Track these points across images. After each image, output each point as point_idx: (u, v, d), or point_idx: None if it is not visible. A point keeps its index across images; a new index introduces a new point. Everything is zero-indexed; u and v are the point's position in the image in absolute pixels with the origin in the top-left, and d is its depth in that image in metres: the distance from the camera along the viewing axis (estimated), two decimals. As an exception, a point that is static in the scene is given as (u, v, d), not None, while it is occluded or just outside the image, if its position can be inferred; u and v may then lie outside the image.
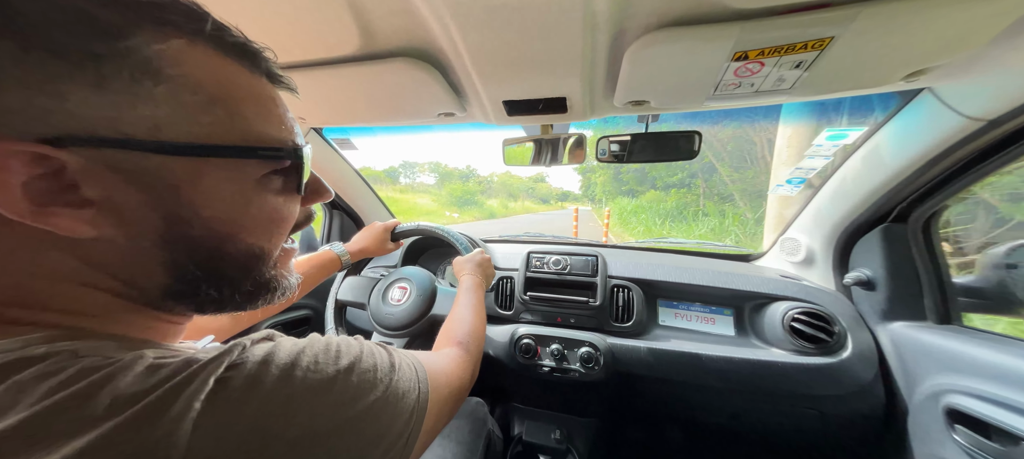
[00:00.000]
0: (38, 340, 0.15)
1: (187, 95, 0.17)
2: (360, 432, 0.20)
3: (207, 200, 0.19)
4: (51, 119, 0.15)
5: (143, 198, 0.17)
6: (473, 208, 18.93)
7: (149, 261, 0.19)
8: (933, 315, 0.58)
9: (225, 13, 0.43)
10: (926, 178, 0.53)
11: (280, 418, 0.17)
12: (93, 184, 0.16)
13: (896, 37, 0.35)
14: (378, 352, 0.24)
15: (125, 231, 0.17)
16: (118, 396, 0.14)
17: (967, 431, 0.46)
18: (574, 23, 0.36)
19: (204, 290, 0.20)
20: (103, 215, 0.17)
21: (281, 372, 0.17)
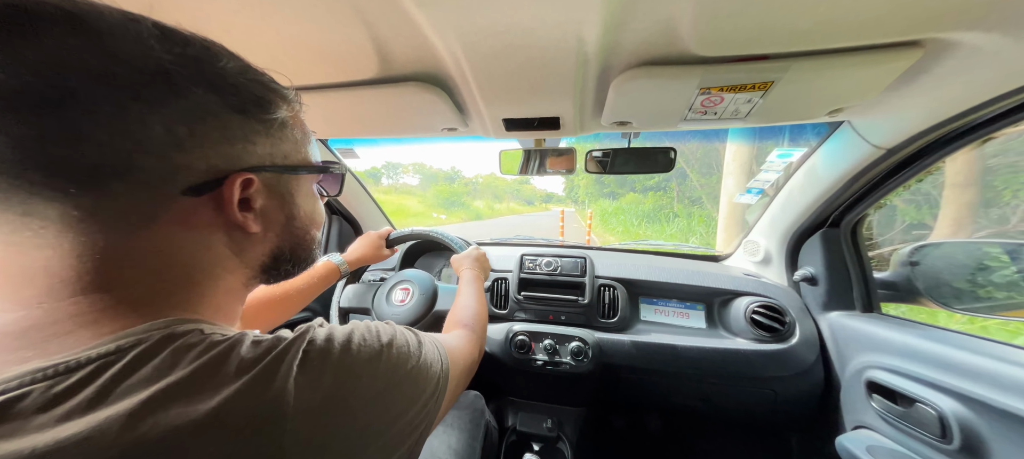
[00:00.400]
0: (174, 321, 0.20)
1: (294, 136, 0.27)
2: (403, 393, 0.25)
3: (302, 201, 0.29)
4: (248, 158, 0.24)
5: (278, 203, 0.27)
6: (459, 210, 19.43)
7: (266, 247, 0.27)
8: (859, 305, 0.70)
9: (265, 43, 0.46)
10: (850, 191, 0.65)
11: (348, 378, 0.22)
12: (259, 197, 0.25)
13: (817, 84, 0.44)
14: (407, 332, 0.29)
15: (266, 226, 0.26)
16: (241, 361, 0.19)
17: (881, 398, 0.57)
18: (569, 58, 0.42)
19: (283, 266, 0.29)
20: (259, 217, 0.25)
21: (341, 347, 0.23)
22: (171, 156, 0.20)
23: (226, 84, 0.22)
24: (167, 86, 0.20)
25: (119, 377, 0.16)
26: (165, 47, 0.20)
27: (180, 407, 0.16)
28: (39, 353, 0.17)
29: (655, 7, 0.34)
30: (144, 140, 0.19)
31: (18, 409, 0.15)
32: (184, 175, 0.21)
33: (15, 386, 0.15)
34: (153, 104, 0.19)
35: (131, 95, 0.19)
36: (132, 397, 0.16)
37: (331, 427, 0.20)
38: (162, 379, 0.17)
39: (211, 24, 0.38)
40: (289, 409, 0.19)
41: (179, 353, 0.18)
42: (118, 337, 0.18)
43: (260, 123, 0.24)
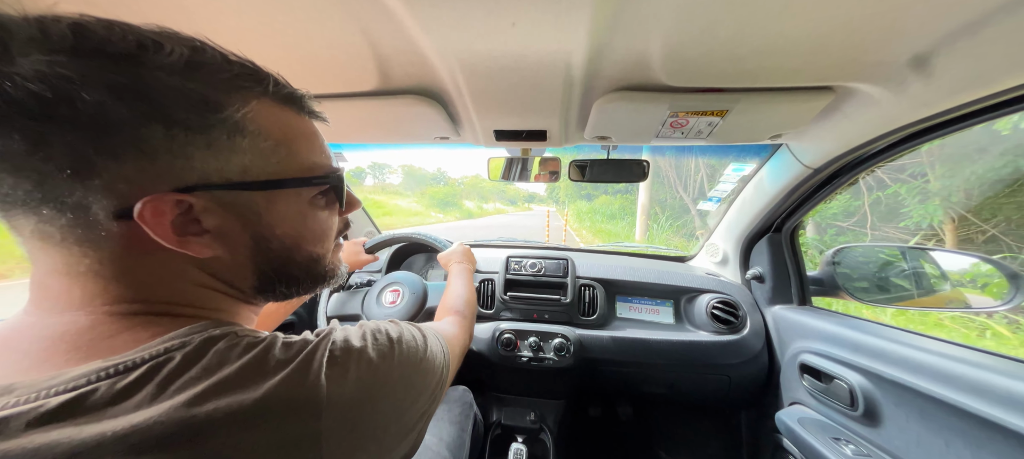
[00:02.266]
0: (208, 325, 0.21)
1: (261, 143, 0.23)
2: (414, 383, 0.28)
3: (279, 221, 0.25)
4: (183, 175, 0.20)
5: (239, 224, 0.23)
6: (453, 209, 20.45)
7: (244, 270, 0.25)
8: (796, 299, 0.82)
9: (266, 53, 0.47)
10: (789, 202, 0.76)
11: (368, 372, 0.24)
12: (208, 217, 0.22)
13: (761, 114, 0.53)
14: (412, 328, 0.31)
15: (229, 249, 0.24)
16: (278, 359, 0.21)
17: (809, 378, 0.68)
18: (557, 80, 0.47)
19: (278, 288, 0.27)
20: (215, 239, 0.23)
21: (359, 346, 0.24)
22: (84, 177, 0.18)
23: (138, 87, 0.18)
24: (55, 97, 0.17)
25: (173, 375, 0.18)
26: (49, 47, 0.17)
27: (231, 397, 0.19)
28: (92, 354, 0.19)
29: (631, 43, 0.40)
30: (50, 159, 0.17)
31: (92, 401, 0.17)
32: (107, 197, 0.19)
33: (84, 383, 0.17)
34: (45, 119, 0.17)
35: (22, 112, 0.17)
36: (189, 390, 0.18)
37: (358, 414, 0.22)
38: (213, 375, 0.19)
39: (219, 34, 0.38)
40: (323, 399, 0.21)
41: (222, 353, 0.20)
42: (163, 340, 0.20)
43: (194, 133, 0.20)
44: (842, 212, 3.54)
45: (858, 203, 3.44)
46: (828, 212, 3.44)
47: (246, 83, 0.22)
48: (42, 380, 0.17)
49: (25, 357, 0.19)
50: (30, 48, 0.17)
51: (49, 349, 0.19)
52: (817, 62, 0.41)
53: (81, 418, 0.16)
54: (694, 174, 7.01)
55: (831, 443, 0.57)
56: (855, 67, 0.41)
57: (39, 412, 0.16)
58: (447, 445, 0.63)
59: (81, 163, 0.18)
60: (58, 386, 0.17)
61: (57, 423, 0.16)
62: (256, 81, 0.23)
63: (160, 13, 0.35)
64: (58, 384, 0.17)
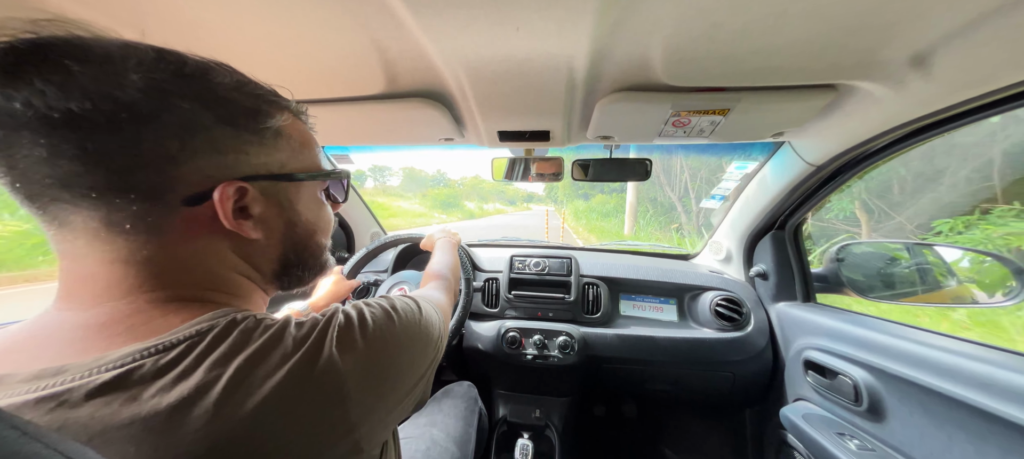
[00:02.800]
0: (231, 310, 0.24)
1: (293, 144, 0.29)
2: (416, 347, 0.30)
3: (304, 208, 0.30)
4: (242, 167, 0.25)
5: (277, 210, 0.28)
6: (456, 210, 21.51)
7: (272, 253, 0.29)
8: (800, 296, 0.82)
9: (278, 60, 0.48)
10: (791, 199, 0.76)
11: (375, 341, 0.26)
12: (256, 204, 0.26)
13: (763, 113, 0.53)
14: (405, 299, 0.33)
15: (266, 233, 0.27)
16: (295, 338, 0.23)
17: (814, 374, 0.69)
18: (560, 82, 0.48)
19: (294, 272, 0.31)
20: (259, 224, 0.26)
21: (360, 320, 0.27)
22: (165, 169, 0.22)
23: (215, 98, 0.23)
24: (158, 103, 0.21)
25: (206, 352, 0.20)
26: (157, 67, 0.21)
27: (261, 370, 0.21)
28: (131, 338, 0.21)
29: (632, 46, 0.41)
30: (139, 155, 0.21)
31: (139, 375, 0.19)
32: (181, 186, 0.22)
33: (129, 360, 0.19)
34: (145, 121, 0.21)
35: (127, 115, 0.20)
36: (223, 366, 0.20)
37: (373, 376, 0.25)
38: (241, 352, 0.21)
39: (236, 44, 0.40)
40: (341, 368, 0.23)
41: (246, 333, 0.22)
42: (194, 323, 0.22)
43: (252, 133, 0.25)
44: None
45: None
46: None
47: (278, 100, 0.28)
48: (90, 361, 0.19)
49: (70, 345, 0.20)
50: (136, 67, 0.21)
51: (92, 336, 0.21)
52: (819, 61, 0.41)
53: (132, 389, 0.18)
54: (679, 174, 7.54)
55: (836, 438, 0.58)
56: (856, 66, 0.42)
57: (93, 385, 0.18)
58: (454, 439, 0.64)
59: (166, 157, 0.22)
60: (107, 364, 0.19)
61: (112, 394, 0.18)
62: (283, 99, 0.29)
63: (179, 26, 0.37)
64: (106, 363, 0.19)
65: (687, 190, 7.34)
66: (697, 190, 7.17)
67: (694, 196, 7.16)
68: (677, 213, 7.35)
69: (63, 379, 0.18)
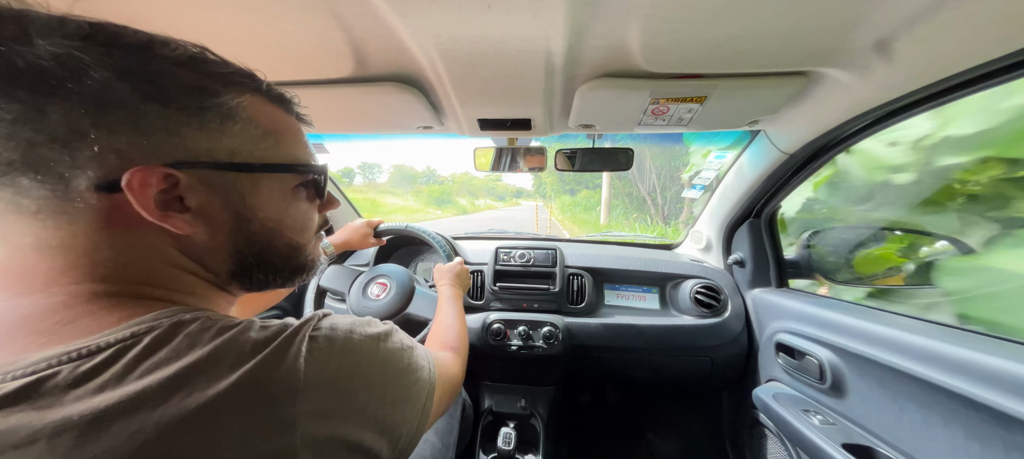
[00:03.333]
0: (178, 310, 0.21)
1: (251, 130, 0.25)
2: (396, 384, 0.27)
3: (261, 203, 0.26)
4: (173, 151, 0.22)
5: (222, 203, 0.24)
6: (449, 206, 22.31)
7: (222, 251, 0.25)
8: (774, 282, 0.86)
9: (237, 40, 0.45)
10: (767, 187, 0.78)
11: (350, 362, 0.24)
12: (192, 195, 0.23)
13: (738, 100, 0.54)
14: (400, 333, 0.30)
15: (209, 229, 0.24)
16: (254, 342, 0.21)
17: (784, 355, 0.72)
18: (537, 66, 0.46)
19: (255, 274, 0.27)
20: (197, 218, 0.23)
21: (344, 334, 0.24)
22: (74, 148, 0.19)
23: (144, 72, 0.20)
24: (66, 73, 0.18)
25: (140, 358, 0.18)
26: (75, 36, 0.19)
27: (204, 381, 0.18)
28: (54, 340, 0.18)
29: (609, 29, 0.40)
30: (42, 130, 0.18)
31: (50, 385, 0.16)
32: (93, 169, 0.19)
33: (43, 367, 0.17)
34: (49, 93, 0.18)
35: (24, 84, 0.18)
36: (158, 373, 0.18)
37: (336, 403, 0.22)
38: (182, 358, 0.18)
39: (185, 22, 0.37)
40: (300, 384, 0.21)
41: (194, 336, 0.20)
42: (130, 325, 0.19)
43: (189, 114, 0.22)
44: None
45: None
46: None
47: (242, 80, 0.25)
48: (2, 364, 0.17)
49: None
50: (49, 33, 0.18)
51: (11, 333, 0.18)
52: (790, 47, 0.42)
53: (40, 401, 0.16)
54: (648, 173, 8.53)
55: (801, 415, 0.61)
56: (824, 52, 0.43)
57: None
58: (435, 431, 0.64)
59: (74, 134, 0.19)
60: (16, 371, 0.17)
61: (15, 406, 0.16)
62: (251, 80, 0.25)
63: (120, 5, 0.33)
64: (17, 369, 0.17)
65: (654, 187, 8.27)
66: (662, 185, 8.03)
67: (660, 191, 8.07)
68: (647, 206, 8.28)
69: None
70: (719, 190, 0.93)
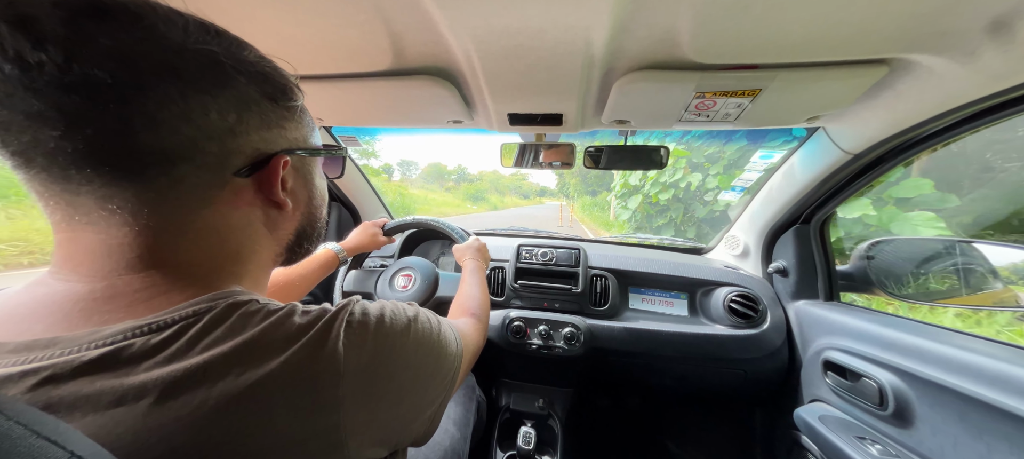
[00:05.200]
0: (233, 292, 0.23)
1: (309, 121, 0.30)
2: (428, 362, 0.28)
3: (318, 181, 0.32)
4: (281, 141, 0.26)
5: (302, 183, 0.29)
6: (483, 203, 24.38)
7: (292, 225, 0.30)
8: (823, 294, 0.78)
9: (281, 34, 0.46)
10: (822, 191, 0.71)
11: (386, 344, 0.25)
12: (289, 177, 0.27)
13: (799, 94, 0.48)
14: (428, 312, 0.32)
15: (294, 205, 0.29)
16: (298, 326, 0.22)
17: (834, 375, 0.65)
18: (576, 60, 0.44)
19: (305, 244, 0.32)
20: (289, 195, 0.27)
21: (377, 319, 0.25)
22: (225, 141, 0.22)
23: (257, 73, 0.24)
24: (217, 75, 0.22)
25: (200, 334, 0.20)
26: (207, 38, 0.21)
27: (256, 361, 0.20)
28: (129, 314, 0.20)
29: (658, 17, 0.37)
30: (205, 127, 0.21)
31: (128, 354, 0.18)
32: (235, 158, 0.23)
33: (120, 338, 0.19)
34: (209, 92, 0.21)
35: (191, 85, 0.20)
36: (216, 349, 0.19)
37: (374, 385, 0.23)
38: (236, 337, 0.20)
39: (231, 13, 0.38)
40: (341, 366, 0.22)
41: (245, 317, 0.21)
42: (192, 304, 0.21)
43: (287, 110, 0.26)
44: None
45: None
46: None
47: (295, 79, 0.28)
48: (83, 335, 0.18)
49: (65, 317, 0.20)
50: (195, 32, 0.21)
51: (90, 309, 0.20)
52: (872, 32, 0.36)
53: (120, 369, 0.18)
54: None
55: (855, 442, 0.55)
56: (917, 36, 0.37)
57: (81, 361, 0.18)
58: (454, 422, 0.65)
59: (225, 129, 0.22)
60: (98, 340, 0.18)
61: (98, 373, 0.18)
62: (296, 82, 0.29)
63: None
64: (98, 339, 0.18)
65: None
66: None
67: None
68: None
69: (52, 353, 0.18)
70: (763, 192, 0.85)
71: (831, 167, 0.64)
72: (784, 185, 0.78)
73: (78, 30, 0.17)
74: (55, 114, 0.18)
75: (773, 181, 0.81)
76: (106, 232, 0.21)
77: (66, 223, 0.21)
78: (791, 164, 0.75)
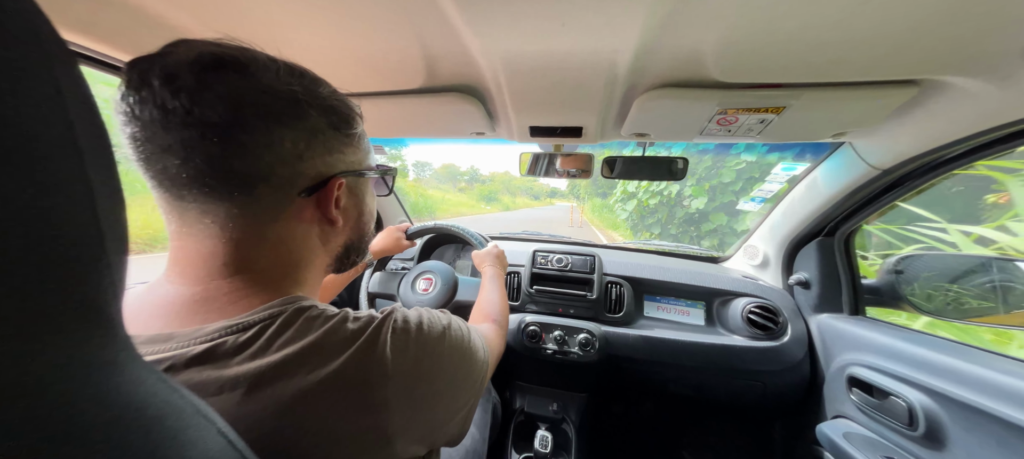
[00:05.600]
0: (298, 298, 0.26)
1: (365, 145, 0.33)
2: (461, 368, 0.31)
3: (369, 200, 0.35)
4: (339, 164, 0.29)
5: (354, 202, 0.32)
6: (496, 203, 25.45)
7: (342, 239, 0.32)
8: (847, 308, 0.76)
9: (327, 55, 0.50)
10: (847, 205, 0.70)
11: (425, 350, 0.27)
12: (343, 197, 0.30)
13: (825, 111, 0.49)
14: (459, 320, 0.34)
15: (345, 221, 0.31)
16: (351, 331, 0.24)
17: (859, 392, 0.64)
18: (599, 78, 0.46)
19: (352, 256, 0.34)
20: (342, 213, 0.30)
21: (416, 327, 0.28)
22: (295, 165, 0.25)
23: (327, 106, 0.27)
24: (296, 111, 0.25)
25: (275, 335, 0.23)
26: (292, 80, 0.25)
27: (319, 361, 0.22)
28: (222, 314, 0.24)
29: (684, 39, 0.38)
30: (281, 153, 0.24)
31: (223, 349, 0.22)
32: (302, 180, 0.26)
33: (217, 335, 0.22)
34: (287, 125, 0.24)
35: (275, 119, 0.24)
36: (288, 348, 0.22)
37: (417, 387, 0.26)
38: (303, 339, 0.23)
39: (287, 39, 0.42)
40: (389, 369, 0.24)
41: (309, 322, 0.24)
42: (268, 307, 0.24)
43: (347, 137, 0.29)
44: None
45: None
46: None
47: (357, 109, 0.32)
48: (191, 332, 0.22)
49: (177, 316, 0.24)
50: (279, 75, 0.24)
51: (195, 309, 0.24)
52: (902, 54, 0.37)
53: (218, 362, 0.21)
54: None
55: None
56: (950, 59, 0.37)
57: (191, 354, 0.21)
58: (475, 423, 0.68)
59: (296, 155, 0.25)
60: (202, 337, 0.22)
61: (204, 365, 0.21)
62: (359, 111, 0.32)
63: (235, 20, 0.39)
64: (202, 335, 0.22)
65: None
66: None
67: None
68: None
69: (170, 345, 0.21)
70: (784, 203, 0.84)
71: (857, 181, 0.64)
72: (807, 197, 0.77)
73: (202, 80, 0.21)
74: (178, 146, 0.22)
75: (795, 193, 0.80)
76: (202, 242, 0.25)
77: (177, 234, 0.25)
78: (814, 177, 0.74)
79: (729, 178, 3.86)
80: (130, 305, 0.25)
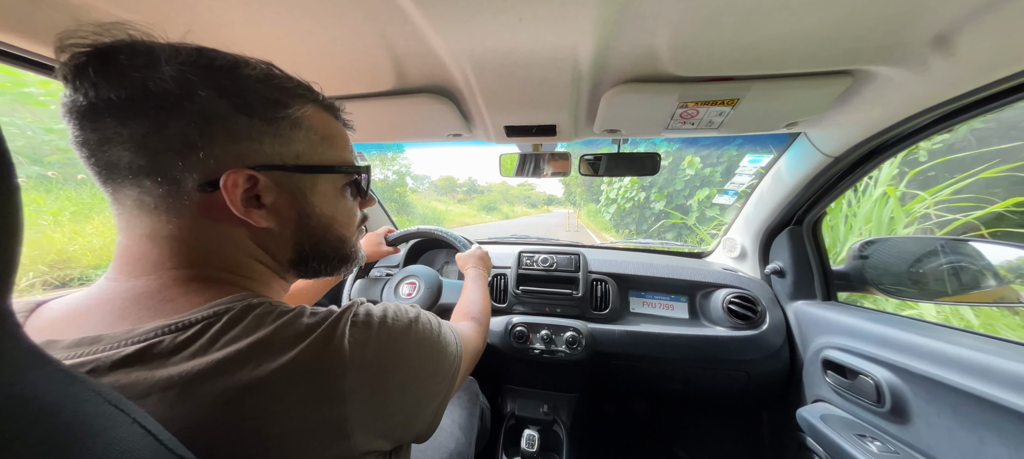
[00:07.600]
0: (247, 295, 0.25)
1: (312, 136, 0.29)
2: (428, 362, 0.30)
3: (318, 200, 0.30)
4: (254, 156, 0.26)
5: (289, 201, 0.28)
6: (496, 212, 25.65)
7: (286, 243, 0.29)
8: (819, 294, 0.79)
9: (294, 57, 0.51)
10: (809, 193, 0.73)
11: (388, 343, 0.26)
12: (267, 194, 0.27)
13: (775, 102, 0.52)
14: (429, 314, 0.33)
15: (279, 223, 0.28)
16: (306, 325, 0.24)
17: (833, 374, 0.66)
18: (564, 74, 0.48)
19: (310, 263, 0.31)
20: (270, 213, 0.27)
21: (379, 319, 0.27)
22: (186, 155, 0.23)
23: (236, 88, 0.24)
24: (180, 93, 0.23)
25: (220, 332, 0.22)
26: (188, 61, 0.23)
27: (269, 356, 0.22)
28: (157, 314, 0.23)
29: (638, 36, 0.41)
30: (164, 141, 0.23)
31: (158, 350, 0.21)
32: (198, 172, 0.24)
33: (152, 335, 0.21)
34: (172, 111, 0.23)
35: (159, 105, 0.22)
36: (234, 346, 0.21)
37: (378, 380, 0.25)
38: (252, 335, 0.22)
39: (253, 39, 0.42)
40: (347, 362, 0.23)
41: (259, 318, 0.23)
42: (213, 305, 0.23)
43: (267, 123, 0.26)
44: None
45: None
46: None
47: (304, 93, 0.29)
48: (122, 333, 0.21)
49: (109, 315, 0.23)
50: (170, 60, 0.23)
51: (127, 308, 0.23)
52: (833, 46, 0.40)
53: (151, 363, 0.20)
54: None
55: (856, 440, 0.55)
56: (872, 50, 0.40)
57: (119, 356, 0.20)
58: (459, 426, 0.66)
59: (187, 144, 0.23)
60: (134, 337, 0.21)
61: (133, 366, 0.20)
62: (310, 92, 0.30)
63: (192, 22, 0.39)
64: (133, 336, 0.21)
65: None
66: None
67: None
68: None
69: (96, 348, 0.20)
70: (755, 195, 0.88)
71: (815, 169, 0.67)
72: (774, 188, 0.80)
73: (100, 72, 0.22)
74: (94, 140, 0.23)
75: (763, 185, 0.84)
76: (134, 238, 0.25)
77: (119, 229, 0.25)
78: (778, 168, 0.78)
79: (680, 186, 5.23)
80: (69, 306, 0.24)
